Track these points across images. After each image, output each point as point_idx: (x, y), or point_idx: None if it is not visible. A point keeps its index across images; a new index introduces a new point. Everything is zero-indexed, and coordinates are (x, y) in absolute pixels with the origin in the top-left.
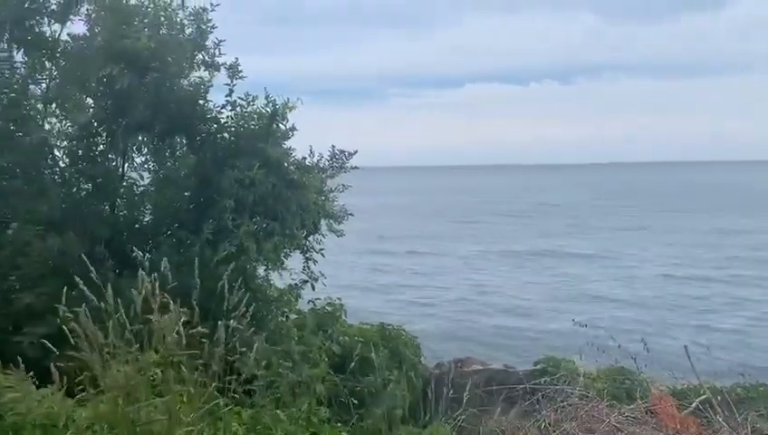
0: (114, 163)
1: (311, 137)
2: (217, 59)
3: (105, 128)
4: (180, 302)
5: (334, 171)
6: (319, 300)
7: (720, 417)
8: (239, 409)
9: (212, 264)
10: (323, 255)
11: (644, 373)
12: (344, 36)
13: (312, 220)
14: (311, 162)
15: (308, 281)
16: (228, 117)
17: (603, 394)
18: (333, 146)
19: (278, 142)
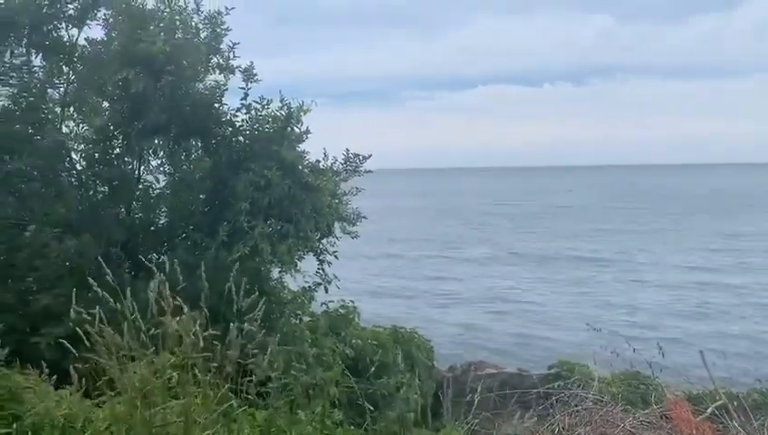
0: (130, 166)
1: (325, 139)
2: (232, 62)
3: (121, 131)
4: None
5: (348, 174)
6: (332, 302)
7: (736, 422)
8: (253, 411)
9: (227, 264)
10: (337, 257)
11: (659, 378)
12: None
13: (326, 223)
14: (324, 165)
15: (321, 283)
16: (243, 120)
17: (618, 399)
18: (347, 149)
19: (292, 145)
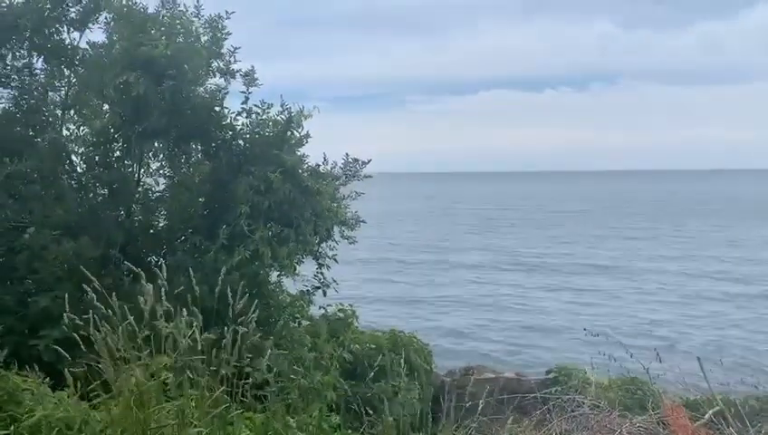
0: (130, 169)
1: (326, 142)
2: (233, 66)
3: (121, 134)
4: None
5: (347, 179)
6: (330, 306)
7: (733, 429)
8: (250, 414)
9: (228, 268)
10: (336, 260)
11: (656, 384)
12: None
13: (326, 227)
14: (324, 169)
15: (320, 287)
16: (244, 124)
17: (615, 404)
18: (347, 154)
19: (293, 149)
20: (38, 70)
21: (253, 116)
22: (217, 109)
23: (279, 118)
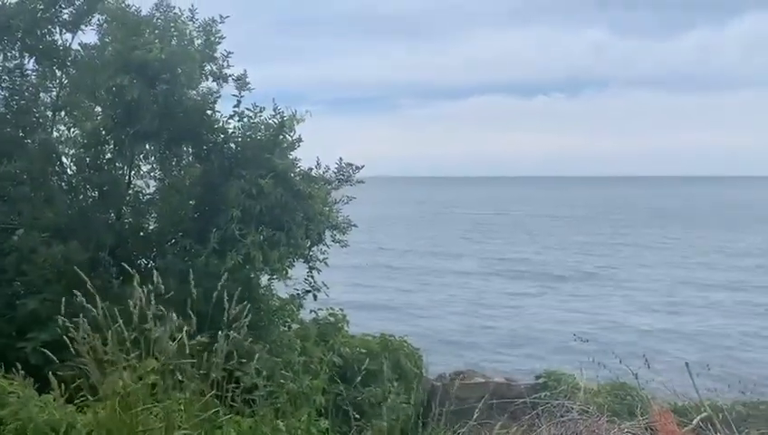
0: (121, 171)
1: (320, 145)
2: (226, 70)
3: (113, 136)
4: (182, 310)
5: (340, 183)
6: (321, 310)
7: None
8: (239, 418)
9: (219, 272)
10: (327, 264)
11: (645, 389)
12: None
13: (318, 231)
14: (317, 173)
15: (310, 291)
16: (235, 127)
17: (604, 410)
18: (341, 158)
19: (285, 153)
20: (29, 71)
21: (245, 119)
22: (209, 112)
23: (271, 121)
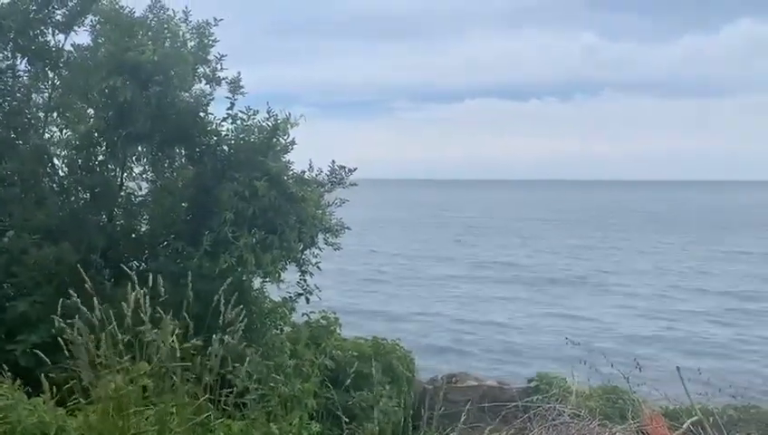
0: (113, 173)
1: (314, 147)
2: (219, 73)
3: (105, 138)
4: (175, 313)
5: (332, 186)
6: (313, 313)
7: None
8: (230, 422)
9: (212, 275)
10: (319, 268)
11: (636, 393)
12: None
13: (310, 234)
14: (309, 176)
15: (303, 294)
16: (229, 129)
17: (595, 413)
18: (333, 161)
19: (278, 156)
20: (21, 72)
21: (238, 122)
22: (202, 114)
23: (265, 124)
